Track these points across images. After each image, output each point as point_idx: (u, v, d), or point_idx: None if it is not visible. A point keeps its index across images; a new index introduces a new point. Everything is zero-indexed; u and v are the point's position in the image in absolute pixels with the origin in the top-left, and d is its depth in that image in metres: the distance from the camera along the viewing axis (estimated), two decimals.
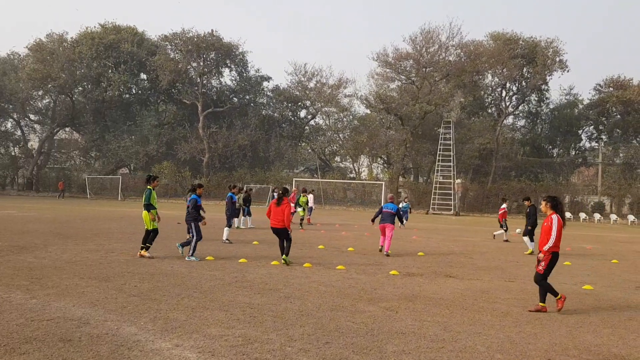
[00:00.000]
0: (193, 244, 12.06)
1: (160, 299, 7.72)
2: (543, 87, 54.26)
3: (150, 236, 11.99)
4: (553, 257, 7.91)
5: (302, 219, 22.91)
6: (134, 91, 59.83)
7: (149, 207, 11.91)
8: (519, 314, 7.70)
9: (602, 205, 48.86)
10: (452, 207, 45.89)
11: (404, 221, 24.39)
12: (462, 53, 49.48)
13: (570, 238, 22.95)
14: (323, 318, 6.97)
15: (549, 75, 51.21)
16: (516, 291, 9.52)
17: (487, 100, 57.30)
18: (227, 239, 15.75)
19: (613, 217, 43.66)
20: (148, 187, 12.12)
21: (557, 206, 8.17)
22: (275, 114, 60.37)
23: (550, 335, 6.57)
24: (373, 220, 14.67)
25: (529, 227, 16.15)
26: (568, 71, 50.94)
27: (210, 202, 46.91)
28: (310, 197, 25.81)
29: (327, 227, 23.56)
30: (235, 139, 53.13)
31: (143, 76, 58.61)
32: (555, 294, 7.85)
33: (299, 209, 22.90)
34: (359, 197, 53.03)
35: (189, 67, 54.17)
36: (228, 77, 59.38)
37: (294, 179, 49.50)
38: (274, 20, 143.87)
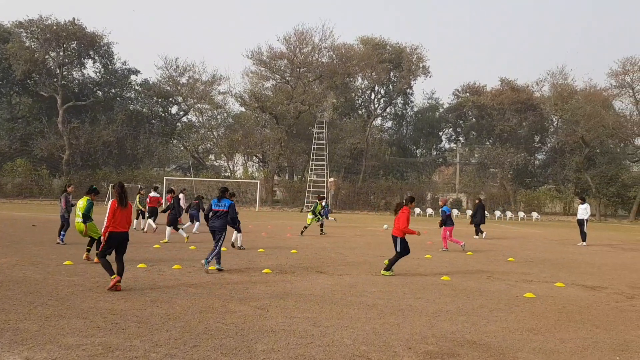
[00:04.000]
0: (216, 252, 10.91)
1: (9, 309, 7.00)
2: (408, 91, 57.70)
3: (96, 242, 11.39)
4: (109, 237, 8.79)
5: (322, 225, 21.36)
6: None
7: (88, 218, 11.57)
8: (384, 305, 8.06)
9: (459, 201, 53.06)
10: (325, 205, 47.08)
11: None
12: (334, 55, 51.02)
13: (432, 233, 24.58)
14: (191, 321, 6.76)
15: (413, 80, 54.58)
16: (381, 284, 9.96)
17: (357, 102, 59.63)
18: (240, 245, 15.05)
19: (469, 212, 47.53)
20: (88, 198, 11.64)
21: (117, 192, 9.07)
22: (144, 110, 57.80)
23: (411, 325, 6.94)
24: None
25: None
26: (430, 77, 54.88)
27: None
28: (181, 196, 24.98)
29: (200, 227, 22.99)
30: (99, 135, 50.05)
31: None
32: (111, 273, 8.63)
33: (310, 217, 20.89)
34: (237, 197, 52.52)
35: (46, 56, 49.98)
36: (91, 69, 55.73)
37: (164, 177, 47.78)
38: (143, 9, 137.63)
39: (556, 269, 13.20)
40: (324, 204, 22.02)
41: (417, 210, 48.61)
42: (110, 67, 54.55)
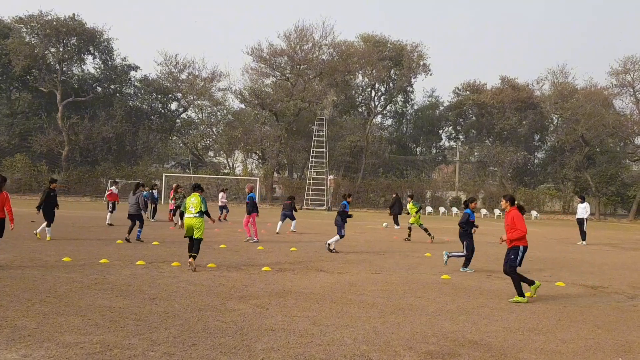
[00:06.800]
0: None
1: (7, 306, 6.96)
2: (408, 88, 57.51)
3: (198, 245, 10.99)
4: None
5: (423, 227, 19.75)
6: None
7: (206, 214, 11.34)
8: (384, 304, 8.01)
9: (459, 199, 52.96)
10: (325, 203, 47.06)
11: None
12: (334, 52, 50.84)
13: (432, 231, 24.51)
14: (190, 319, 6.71)
15: (413, 78, 54.37)
16: (381, 283, 9.91)
17: (357, 99, 59.45)
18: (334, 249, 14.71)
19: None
20: (198, 194, 11.37)
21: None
22: (144, 106, 57.58)
23: (412, 324, 6.90)
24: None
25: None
26: (430, 74, 54.56)
27: (70, 199, 44.03)
28: (221, 195, 26.13)
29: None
30: (98, 131, 49.87)
31: None
32: None
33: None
34: (233, 193, 52.45)
35: (46, 52, 49.78)
36: (91, 64, 55.32)
37: (164, 174, 47.71)
38: (141, 6, 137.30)
39: (556, 268, 13.17)
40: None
41: None
42: (110, 63, 54.33)
